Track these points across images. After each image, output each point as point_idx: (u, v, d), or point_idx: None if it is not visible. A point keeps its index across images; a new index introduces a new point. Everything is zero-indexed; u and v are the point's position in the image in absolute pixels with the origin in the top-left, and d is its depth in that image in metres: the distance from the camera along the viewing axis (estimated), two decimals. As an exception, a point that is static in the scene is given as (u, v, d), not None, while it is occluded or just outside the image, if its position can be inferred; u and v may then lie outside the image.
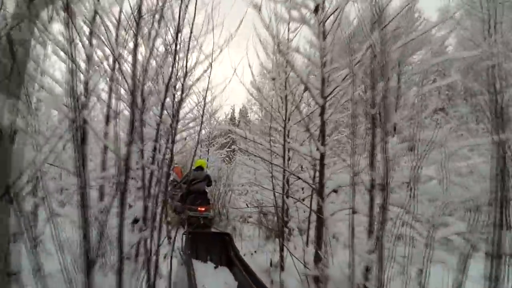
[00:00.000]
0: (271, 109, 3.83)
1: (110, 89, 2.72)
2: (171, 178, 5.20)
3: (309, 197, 3.44)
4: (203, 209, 4.99)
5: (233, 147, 10.38)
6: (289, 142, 3.87)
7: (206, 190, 5.40)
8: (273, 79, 3.75)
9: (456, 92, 13.77)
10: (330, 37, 2.91)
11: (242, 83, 4.30)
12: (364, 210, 2.22)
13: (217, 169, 7.33)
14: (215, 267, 3.52)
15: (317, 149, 2.91)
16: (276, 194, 3.75)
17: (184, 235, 3.49)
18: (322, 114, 2.97)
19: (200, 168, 5.43)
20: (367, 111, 2.19)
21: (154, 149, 2.51)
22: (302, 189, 4.40)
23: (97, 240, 1.64)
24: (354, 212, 2.19)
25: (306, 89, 3.07)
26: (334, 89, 2.96)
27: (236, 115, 29.56)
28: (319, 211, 2.81)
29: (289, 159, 4.27)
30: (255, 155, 4.22)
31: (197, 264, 3.39)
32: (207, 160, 7.07)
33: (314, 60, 3.10)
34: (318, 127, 3.13)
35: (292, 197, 4.04)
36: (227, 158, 11.48)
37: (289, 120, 3.79)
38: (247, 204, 6.38)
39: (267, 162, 3.99)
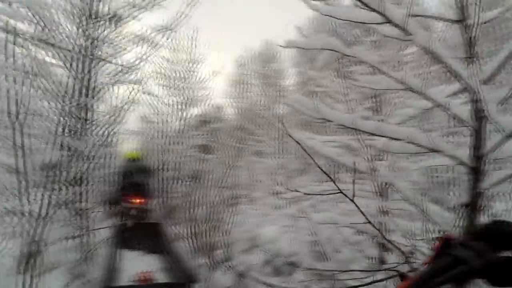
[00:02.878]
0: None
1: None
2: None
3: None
4: (138, 201, 5.00)
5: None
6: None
7: (144, 182, 5.36)
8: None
9: None
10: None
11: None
12: None
13: None
14: (143, 255, 3.90)
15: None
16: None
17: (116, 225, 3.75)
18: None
19: (136, 160, 5.62)
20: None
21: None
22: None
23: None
24: None
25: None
26: None
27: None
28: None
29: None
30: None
31: (126, 251, 3.73)
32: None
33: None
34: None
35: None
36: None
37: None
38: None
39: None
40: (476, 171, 2.17)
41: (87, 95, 4.75)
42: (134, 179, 5.21)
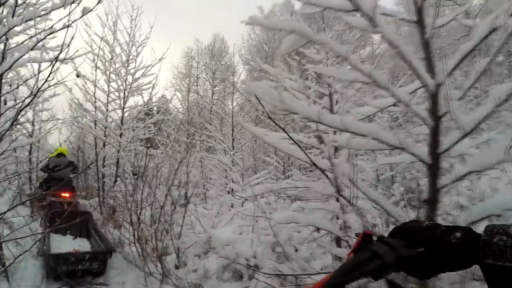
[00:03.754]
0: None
1: None
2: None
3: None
4: (67, 195, 5.28)
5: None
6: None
7: (70, 176, 5.55)
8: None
9: None
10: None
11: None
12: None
13: None
14: (74, 238, 4.73)
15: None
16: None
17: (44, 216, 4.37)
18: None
19: (61, 154, 5.72)
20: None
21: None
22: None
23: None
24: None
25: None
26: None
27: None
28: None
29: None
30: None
31: (56, 237, 4.49)
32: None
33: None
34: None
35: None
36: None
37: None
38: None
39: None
40: (433, 168, 2.21)
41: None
42: (60, 173, 5.47)
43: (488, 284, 0.56)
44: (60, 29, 3.08)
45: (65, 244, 4.40)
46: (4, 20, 4.04)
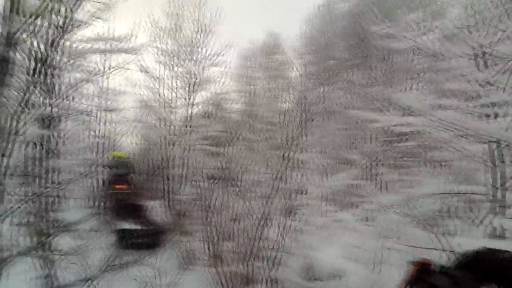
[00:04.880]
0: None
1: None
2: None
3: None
4: (120, 186, 6.45)
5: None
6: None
7: (126, 173, 6.81)
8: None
9: None
10: None
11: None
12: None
13: None
14: (132, 222, 5.44)
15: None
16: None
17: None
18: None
19: (119, 157, 7.06)
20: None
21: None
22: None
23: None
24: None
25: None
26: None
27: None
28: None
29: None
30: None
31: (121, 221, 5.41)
32: None
33: None
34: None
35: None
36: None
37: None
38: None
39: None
40: None
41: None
42: (119, 171, 6.64)
43: None
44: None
45: (125, 225, 5.55)
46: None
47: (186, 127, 6.60)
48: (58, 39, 3.88)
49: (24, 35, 2.84)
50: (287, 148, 7.91)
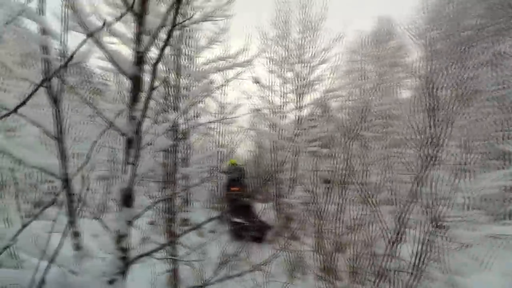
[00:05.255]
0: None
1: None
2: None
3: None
4: (234, 189, 7.45)
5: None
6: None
7: (239, 178, 7.75)
8: None
9: None
10: None
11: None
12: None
13: None
14: (241, 217, 5.84)
15: None
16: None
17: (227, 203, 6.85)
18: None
19: (234, 164, 7.99)
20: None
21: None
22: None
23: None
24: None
25: None
26: None
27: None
28: None
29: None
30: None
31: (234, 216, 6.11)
32: None
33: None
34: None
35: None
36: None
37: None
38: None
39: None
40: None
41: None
42: (233, 176, 7.68)
43: None
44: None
45: (238, 220, 6.37)
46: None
47: (295, 130, 6.58)
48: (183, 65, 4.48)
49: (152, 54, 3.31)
50: (415, 145, 6.80)
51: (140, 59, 1.47)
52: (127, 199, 1.43)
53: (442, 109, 6.90)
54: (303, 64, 6.43)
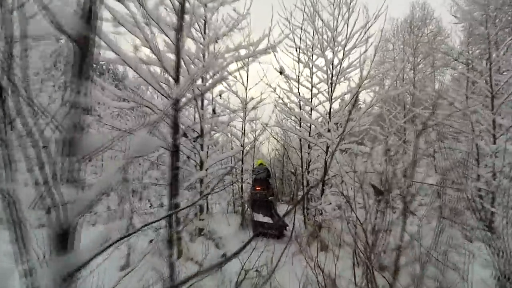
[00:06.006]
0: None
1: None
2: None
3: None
4: (259, 188, 7.78)
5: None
6: None
7: (265, 178, 7.95)
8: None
9: None
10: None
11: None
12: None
13: None
14: (264, 215, 7.12)
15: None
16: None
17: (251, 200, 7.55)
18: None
19: (260, 164, 8.36)
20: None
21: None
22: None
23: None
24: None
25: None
26: None
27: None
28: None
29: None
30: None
31: (256, 214, 7.11)
32: None
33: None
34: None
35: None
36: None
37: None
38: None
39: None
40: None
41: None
42: (259, 176, 7.96)
43: None
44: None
45: (260, 218, 6.86)
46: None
47: (325, 124, 5.85)
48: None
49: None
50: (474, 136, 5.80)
51: (90, 12, 0.92)
52: (63, 239, 0.88)
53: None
54: (336, 48, 5.65)
